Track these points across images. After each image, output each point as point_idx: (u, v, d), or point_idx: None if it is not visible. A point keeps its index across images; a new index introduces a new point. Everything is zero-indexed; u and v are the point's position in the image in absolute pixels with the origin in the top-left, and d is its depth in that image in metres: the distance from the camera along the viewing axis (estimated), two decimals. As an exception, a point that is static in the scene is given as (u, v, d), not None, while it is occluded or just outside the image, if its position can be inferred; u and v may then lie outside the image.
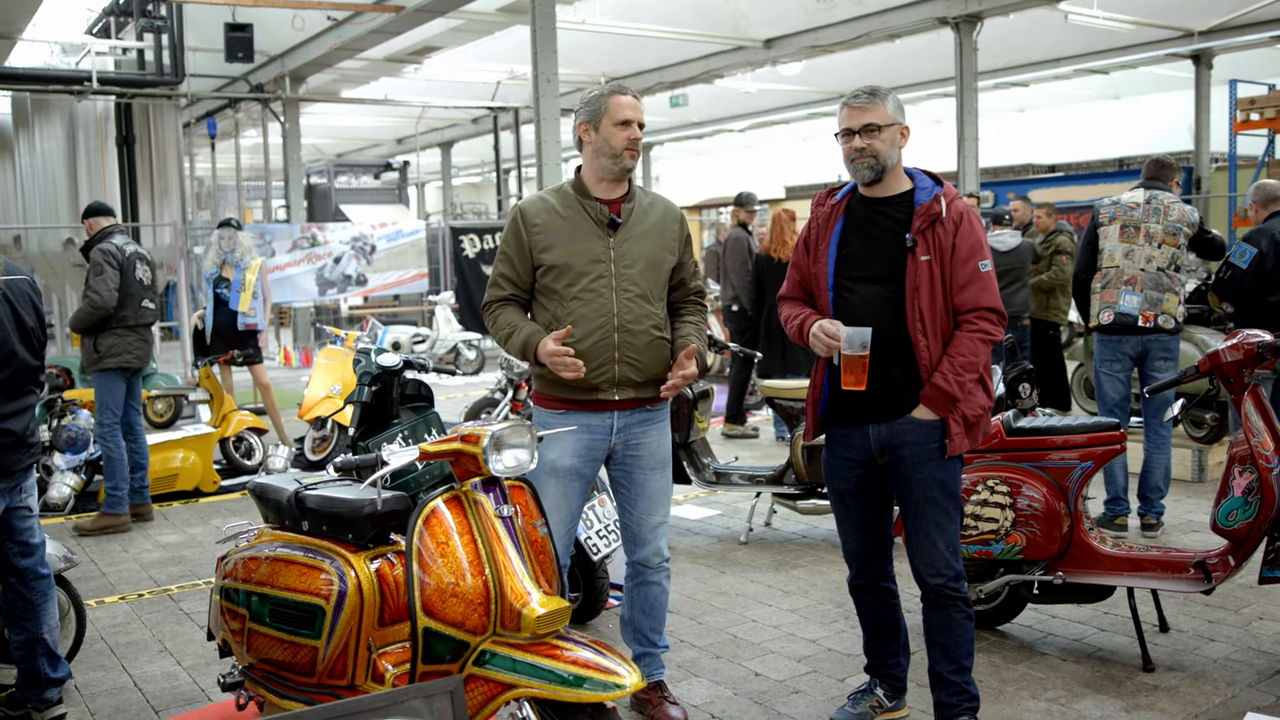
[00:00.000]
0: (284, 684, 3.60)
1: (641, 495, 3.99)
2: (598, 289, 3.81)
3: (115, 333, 6.96)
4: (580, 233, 3.85)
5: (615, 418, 3.89)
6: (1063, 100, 24.00)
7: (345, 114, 22.93)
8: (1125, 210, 6.15)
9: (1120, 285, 6.07)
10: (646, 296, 3.87)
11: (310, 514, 3.66)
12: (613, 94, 3.83)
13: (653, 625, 4.08)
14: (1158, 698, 4.13)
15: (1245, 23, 16.38)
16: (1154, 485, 6.22)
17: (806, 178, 26.66)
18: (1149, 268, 6.04)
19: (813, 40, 16.41)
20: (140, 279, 7.10)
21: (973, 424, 3.62)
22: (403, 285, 17.35)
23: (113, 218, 7.28)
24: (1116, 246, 6.12)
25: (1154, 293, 6.03)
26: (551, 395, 3.93)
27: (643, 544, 4.02)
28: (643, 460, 3.98)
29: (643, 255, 3.88)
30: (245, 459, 8.92)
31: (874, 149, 3.59)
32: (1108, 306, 6.10)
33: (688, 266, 4.05)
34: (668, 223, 3.99)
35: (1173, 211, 6.08)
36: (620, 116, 3.80)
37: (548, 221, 3.87)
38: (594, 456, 3.93)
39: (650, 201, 4.01)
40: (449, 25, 14.96)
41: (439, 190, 32.12)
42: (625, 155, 3.82)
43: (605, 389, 3.84)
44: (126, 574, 6.24)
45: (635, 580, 4.07)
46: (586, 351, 3.78)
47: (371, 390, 5.84)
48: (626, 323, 3.81)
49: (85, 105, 14.83)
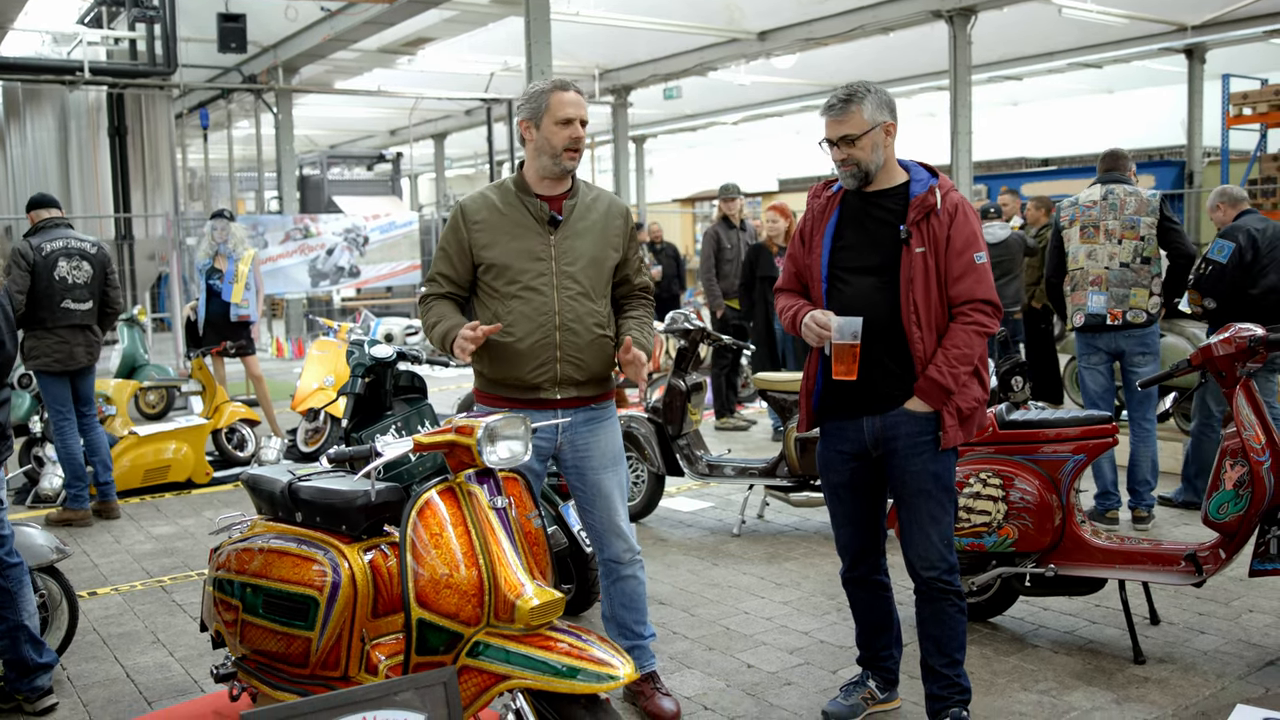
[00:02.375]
0: (277, 675, 3.60)
1: (599, 495, 3.94)
2: (538, 287, 3.76)
3: (34, 334, 6.70)
4: (520, 230, 3.79)
5: (558, 417, 3.82)
6: (1056, 94, 24.03)
7: (338, 105, 22.88)
8: (1083, 210, 6.22)
9: (1086, 286, 6.15)
10: (588, 294, 3.82)
11: (304, 505, 3.65)
12: (554, 90, 3.74)
13: (636, 618, 4.05)
14: (1148, 689, 4.15)
15: (1238, 17, 16.43)
16: (1142, 478, 6.24)
17: (799, 170, 26.67)
18: (1112, 265, 6.09)
19: (806, 33, 16.42)
20: (63, 278, 6.71)
21: (967, 416, 3.62)
22: (395, 277, 17.34)
23: (53, 210, 6.99)
24: (1079, 248, 6.20)
25: (1120, 289, 6.07)
26: (493, 394, 3.87)
27: (610, 543, 3.98)
28: (593, 460, 3.92)
29: (584, 253, 3.83)
30: (238, 450, 8.91)
31: (854, 158, 3.58)
32: (1078, 309, 6.19)
33: (632, 263, 3.99)
34: (611, 219, 3.92)
35: (1129, 204, 6.11)
36: (561, 115, 3.72)
37: (488, 219, 3.81)
38: (540, 454, 3.86)
39: (594, 197, 3.94)
40: (442, 16, 14.94)
41: (432, 182, 32.09)
42: (564, 156, 3.76)
43: (547, 388, 3.79)
44: (119, 565, 6.23)
45: (610, 578, 4.03)
46: (527, 351, 3.74)
47: (365, 382, 5.83)
48: (568, 321, 3.76)
49: (77, 95, 14.79)
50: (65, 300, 6.74)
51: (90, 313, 6.86)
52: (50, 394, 6.81)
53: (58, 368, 6.74)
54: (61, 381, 6.81)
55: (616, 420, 4.03)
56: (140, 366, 9.89)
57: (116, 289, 7.09)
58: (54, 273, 6.71)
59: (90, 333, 6.88)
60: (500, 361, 3.79)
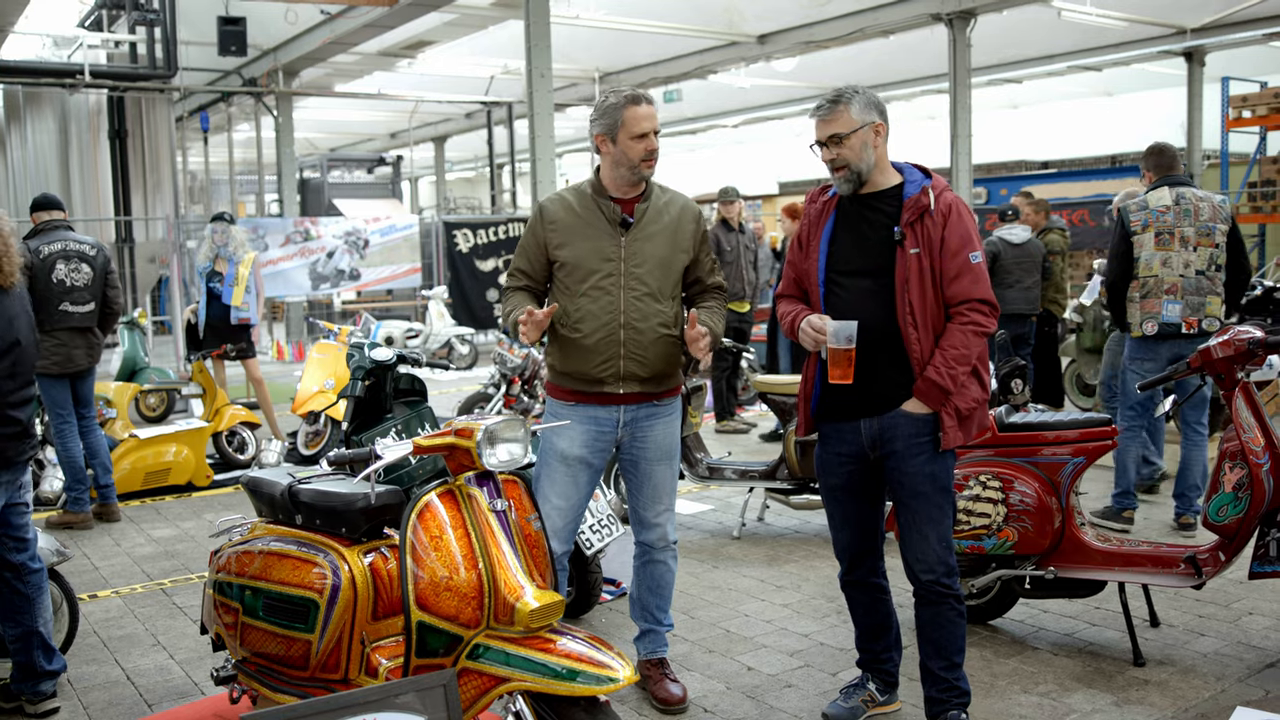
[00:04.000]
0: (277, 678, 3.60)
1: (646, 484, 4.15)
2: (605, 287, 3.92)
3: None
4: (593, 231, 3.96)
5: (622, 411, 4.02)
6: (1056, 97, 24.05)
7: (338, 108, 22.90)
8: (1156, 216, 5.99)
9: (1161, 294, 5.96)
10: (655, 295, 3.97)
11: (304, 508, 3.66)
12: (628, 105, 3.88)
13: (659, 603, 4.25)
14: (1148, 692, 4.15)
15: (1238, 20, 16.44)
16: (1192, 484, 6.16)
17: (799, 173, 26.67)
18: (1188, 273, 5.93)
19: (807, 36, 16.44)
20: (61, 280, 6.68)
21: (966, 417, 3.62)
22: (396, 280, 17.33)
23: (54, 211, 6.97)
24: (1153, 255, 5.98)
25: (1195, 298, 5.94)
26: (561, 386, 4.07)
27: (648, 528, 4.19)
28: (648, 451, 4.11)
29: (653, 255, 3.97)
30: (238, 453, 8.91)
31: (843, 158, 3.61)
32: (1150, 317, 5.99)
33: (703, 264, 4.12)
34: (684, 222, 4.06)
35: (1203, 210, 5.96)
36: (637, 130, 3.88)
37: (564, 220, 4.00)
38: (601, 447, 4.07)
39: (667, 200, 4.08)
40: (443, 19, 14.95)
41: (432, 185, 32.09)
42: (642, 166, 3.93)
43: (610, 383, 3.97)
44: (119, 568, 6.23)
45: (642, 559, 4.25)
46: (592, 347, 3.93)
47: (365, 385, 5.83)
48: (633, 320, 3.93)
49: (77, 98, 14.80)
50: (64, 303, 6.71)
51: (90, 315, 6.83)
52: (50, 397, 6.79)
53: (56, 370, 6.71)
54: (61, 384, 6.79)
55: (678, 416, 4.20)
56: (140, 369, 9.88)
57: (117, 290, 7.04)
58: (52, 275, 6.68)
59: (90, 335, 6.85)
60: (568, 355, 3.99)
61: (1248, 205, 16.86)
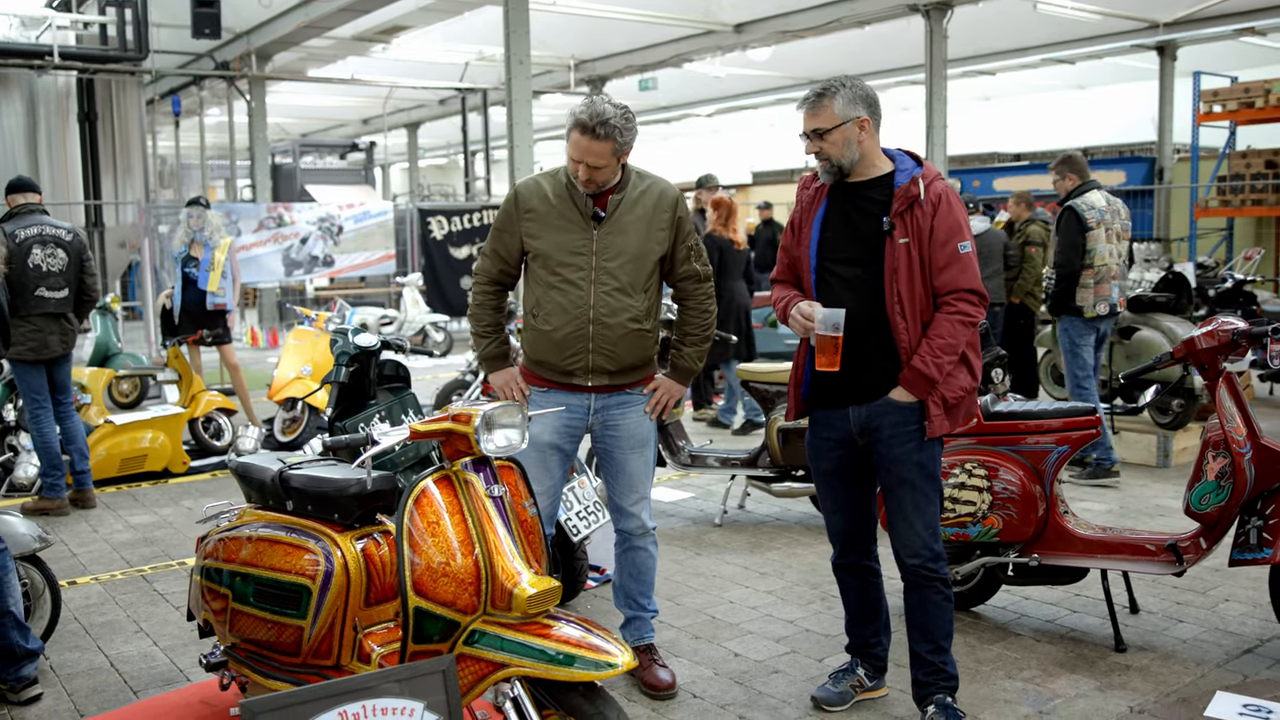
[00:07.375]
0: (268, 664, 3.59)
1: (621, 473, 4.16)
2: (575, 281, 3.91)
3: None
4: (565, 223, 3.93)
5: (593, 399, 4.04)
6: (1029, 89, 24.18)
7: (311, 93, 22.66)
8: (1100, 215, 6.97)
9: (1109, 280, 6.99)
10: (626, 289, 3.94)
11: (295, 494, 3.64)
12: (573, 129, 3.81)
13: (641, 590, 4.26)
14: (1130, 677, 4.20)
15: (1209, 15, 16.58)
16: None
17: (773, 163, 26.76)
18: (1122, 262, 7.09)
19: (783, 25, 16.42)
20: (37, 265, 6.60)
21: (953, 405, 3.65)
22: (370, 267, 17.22)
23: (29, 194, 6.85)
24: (1105, 247, 6.97)
25: (1123, 282, 7.14)
26: (533, 373, 4.10)
27: (626, 517, 4.20)
28: (621, 441, 4.11)
29: (625, 248, 3.94)
30: (214, 440, 8.85)
31: (825, 152, 3.62)
32: (1103, 299, 6.98)
33: (679, 251, 4.06)
34: (659, 211, 3.99)
35: (1121, 211, 7.11)
36: (574, 154, 3.84)
37: (538, 208, 3.97)
38: (572, 434, 4.10)
39: (643, 189, 4.01)
40: (418, 4, 14.83)
41: (404, 172, 31.90)
42: (579, 182, 3.89)
43: (579, 375, 3.99)
44: (98, 554, 6.17)
45: (623, 547, 4.27)
46: (561, 340, 3.94)
47: (349, 370, 5.81)
48: (601, 315, 3.91)
49: (46, 80, 14.58)
50: (39, 288, 6.63)
51: (65, 301, 6.75)
52: (25, 383, 6.71)
53: (31, 356, 6.64)
54: (36, 370, 6.71)
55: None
56: (114, 355, 9.78)
57: (94, 276, 6.96)
58: (28, 260, 6.59)
59: (65, 321, 6.77)
60: (537, 346, 4.03)
61: (1217, 199, 17.07)
